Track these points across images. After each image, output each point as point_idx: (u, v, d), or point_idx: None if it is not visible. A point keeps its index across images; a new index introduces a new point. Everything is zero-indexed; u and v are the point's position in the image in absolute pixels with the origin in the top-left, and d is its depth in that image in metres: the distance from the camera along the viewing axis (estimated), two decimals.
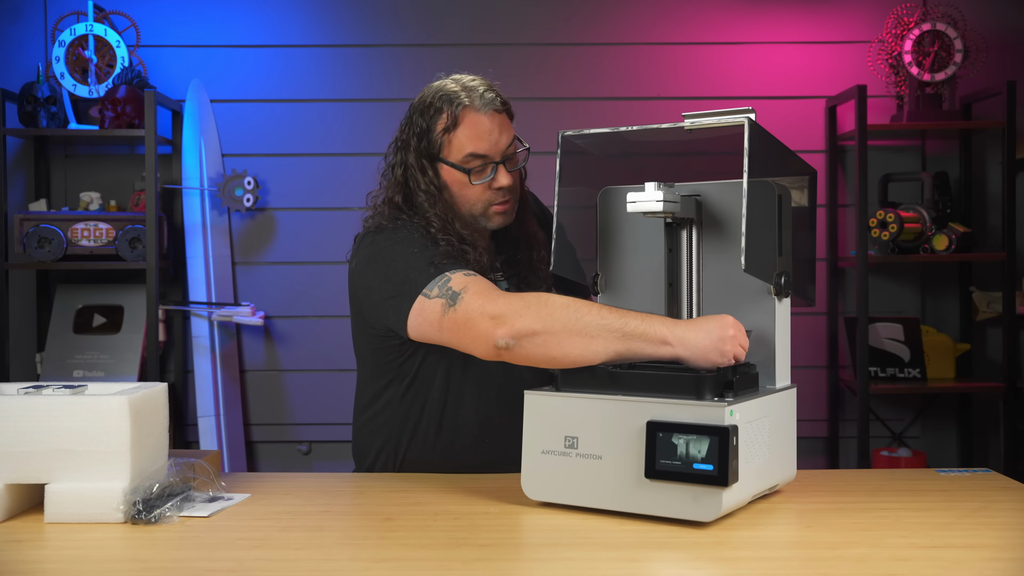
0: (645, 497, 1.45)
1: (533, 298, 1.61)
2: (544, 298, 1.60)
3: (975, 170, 3.61)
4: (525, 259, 1.91)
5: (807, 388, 3.58)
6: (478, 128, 1.79)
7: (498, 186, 1.81)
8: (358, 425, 1.95)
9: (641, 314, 1.57)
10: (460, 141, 1.80)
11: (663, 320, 1.57)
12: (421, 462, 1.86)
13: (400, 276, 1.73)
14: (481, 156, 1.80)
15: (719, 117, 1.55)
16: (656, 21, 3.60)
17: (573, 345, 1.55)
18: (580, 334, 1.55)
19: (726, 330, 1.53)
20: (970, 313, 3.58)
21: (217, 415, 3.41)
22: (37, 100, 3.33)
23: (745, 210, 1.48)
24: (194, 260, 3.46)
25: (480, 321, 1.61)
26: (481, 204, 1.82)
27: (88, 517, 1.48)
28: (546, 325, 1.56)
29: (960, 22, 3.43)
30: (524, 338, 1.57)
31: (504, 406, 1.82)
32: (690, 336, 1.53)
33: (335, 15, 3.59)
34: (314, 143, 3.57)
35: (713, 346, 1.52)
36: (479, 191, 1.81)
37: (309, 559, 1.33)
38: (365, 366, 1.92)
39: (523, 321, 1.57)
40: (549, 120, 3.48)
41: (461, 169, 1.80)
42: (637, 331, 1.54)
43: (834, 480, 1.77)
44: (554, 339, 1.56)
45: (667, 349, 1.54)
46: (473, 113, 1.80)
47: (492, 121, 1.81)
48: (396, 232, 1.79)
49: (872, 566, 1.28)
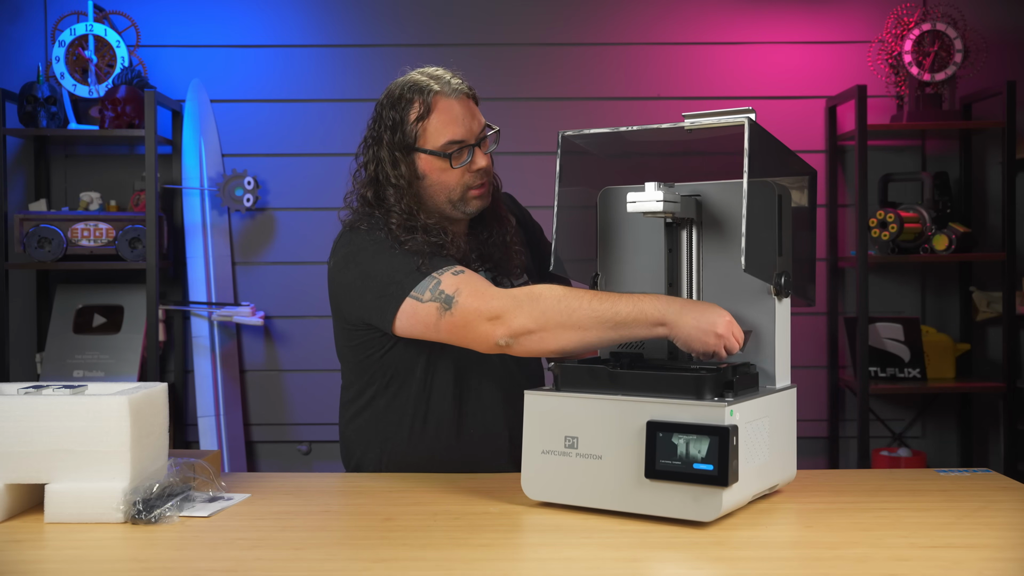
0: (645, 497, 1.45)
1: (525, 295, 1.64)
2: (536, 293, 1.64)
3: (975, 170, 3.61)
4: (499, 241, 1.92)
5: (807, 388, 3.58)
6: (452, 113, 1.81)
7: (476, 168, 1.82)
8: (343, 424, 1.96)
9: (632, 297, 1.60)
10: (436, 127, 1.81)
11: (655, 300, 1.59)
12: (407, 456, 1.86)
13: (384, 276, 1.74)
14: (458, 141, 1.81)
15: (719, 117, 1.55)
16: (656, 21, 3.60)
17: (568, 339, 1.61)
18: (574, 328, 1.60)
19: (722, 316, 1.55)
20: (970, 313, 3.58)
21: (217, 415, 3.41)
22: (37, 100, 3.33)
23: (745, 210, 1.48)
24: (194, 260, 3.46)
25: (478, 323, 1.66)
26: (460, 189, 1.83)
27: (88, 517, 1.48)
28: (540, 323, 1.62)
29: (960, 22, 3.43)
30: (521, 336, 1.63)
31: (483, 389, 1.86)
32: (685, 317, 1.56)
33: (335, 15, 3.59)
34: (314, 143, 3.57)
35: (708, 330, 1.54)
36: (458, 175, 1.82)
37: (309, 559, 1.33)
38: (347, 363, 1.93)
39: (519, 320, 1.63)
40: (549, 120, 3.49)
41: (441, 155, 1.81)
42: (629, 317, 1.58)
43: (834, 480, 1.77)
44: (550, 335, 1.62)
45: (661, 330, 1.58)
46: (445, 99, 1.81)
47: (463, 106, 1.83)
48: (372, 232, 1.81)
49: (872, 566, 1.28)
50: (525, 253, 1.95)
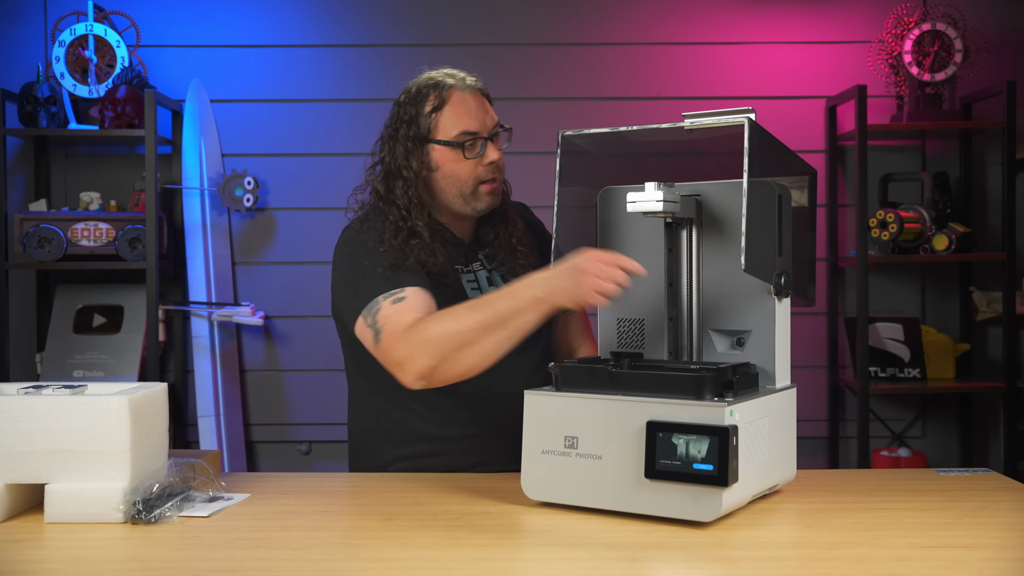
0: (645, 497, 1.45)
1: (415, 335, 1.66)
2: (422, 329, 1.66)
3: (975, 170, 3.61)
4: (504, 244, 1.94)
5: (807, 388, 3.58)
6: (466, 106, 1.85)
7: (488, 161, 1.85)
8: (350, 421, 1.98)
9: (508, 288, 1.63)
10: (450, 119, 1.84)
11: (527, 281, 1.61)
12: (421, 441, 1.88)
13: (353, 285, 1.80)
14: (472, 133, 1.84)
15: (719, 117, 1.55)
16: (656, 21, 3.60)
17: (467, 358, 1.63)
18: (466, 346, 1.62)
19: (587, 261, 1.56)
20: (970, 313, 3.58)
21: (217, 415, 3.41)
22: (37, 100, 3.33)
23: (745, 210, 1.48)
24: (194, 260, 3.46)
25: (391, 367, 1.70)
26: (472, 182, 1.85)
27: (88, 517, 1.48)
28: (438, 357, 1.64)
29: (960, 22, 3.43)
30: (428, 375, 1.65)
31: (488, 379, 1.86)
32: (556, 282, 1.58)
33: (335, 15, 3.59)
34: (314, 143, 3.57)
35: (580, 281, 1.55)
36: (470, 167, 1.84)
37: (309, 559, 1.33)
38: (348, 360, 1.96)
39: (419, 363, 1.65)
40: (549, 120, 3.49)
41: (453, 144, 1.84)
42: (509, 310, 1.60)
43: (834, 480, 1.77)
44: (450, 363, 1.64)
45: (545, 305, 1.59)
46: (459, 92, 1.86)
47: (477, 100, 1.87)
48: (361, 227, 1.87)
49: (872, 566, 1.28)
50: (533, 256, 1.95)
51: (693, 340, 1.67)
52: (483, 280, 1.92)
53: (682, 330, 1.68)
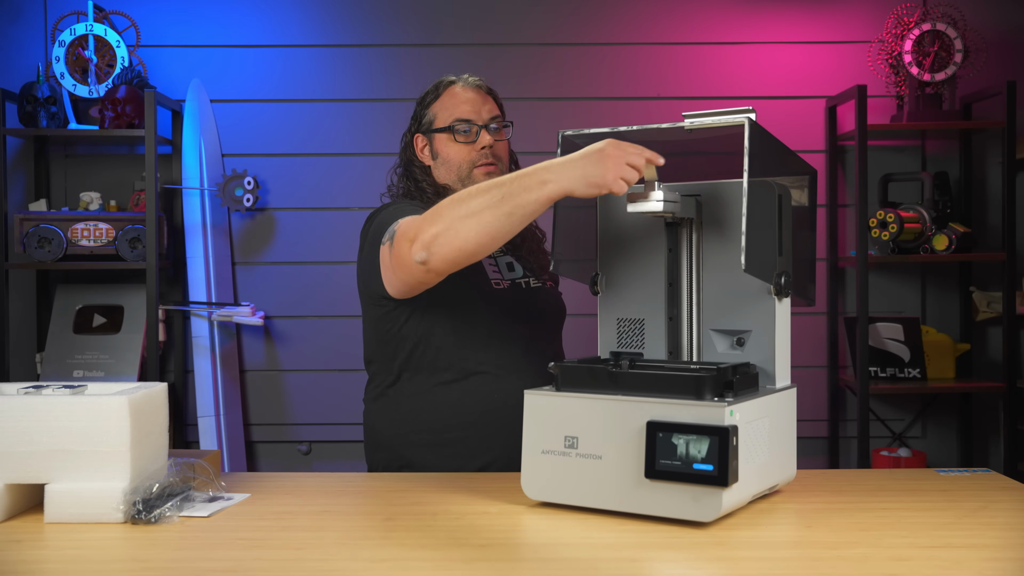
0: (645, 497, 1.45)
1: (431, 209, 1.70)
2: (438, 204, 1.69)
3: (975, 170, 3.61)
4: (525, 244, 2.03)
5: (807, 388, 3.58)
6: (460, 96, 2.00)
7: (481, 145, 1.97)
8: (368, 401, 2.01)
9: (521, 170, 1.64)
10: (447, 108, 2.00)
11: (540, 164, 1.60)
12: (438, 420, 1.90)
13: (377, 231, 1.86)
14: (465, 120, 1.98)
15: (719, 117, 1.55)
16: (656, 21, 3.60)
17: (467, 227, 1.61)
18: (468, 216, 1.61)
19: (604, 149, 1.53)
20: (970, 313, 3.58)
21: (217, 415, 3.41)
22: (37, 100, 3.33)
23: (745, 210, 1.48)
24: (194, 260, 3.46)
25: (402, 246, 1.72)
26: (467, 165, 1.98)
27: (88, 517, 1.48)
28: (442, 224, 1.64)
29: (960, 22, 3.43)
30: (431, 244, 1.64)
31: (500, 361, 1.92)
32: (567, 166, 1.56)
33: (335, 15, 3.59)
34: (314, 143, 3.57)
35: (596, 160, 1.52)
36: (464, 152, 1.98)
37: (309, 559, 1.33)
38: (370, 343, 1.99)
39: (427, 231, 1.66)
40: (549, 120, 3.48)
41: (447, 129, 1.98)
42: (515, 186, 1.59)
43: (834, 480, 1.77)
44: (451, 232, 1.63)
45: (551, 187, 1.56)
46: (458, 86, 2.02)
47: (475, 93, 2.01)
48: (389, 204, 1.95)
49: (872, 566, 1.28)
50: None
51: (693, 340, 1.67)
52: (503, 266, 1.99)
53: (682, 330, 1.68)
